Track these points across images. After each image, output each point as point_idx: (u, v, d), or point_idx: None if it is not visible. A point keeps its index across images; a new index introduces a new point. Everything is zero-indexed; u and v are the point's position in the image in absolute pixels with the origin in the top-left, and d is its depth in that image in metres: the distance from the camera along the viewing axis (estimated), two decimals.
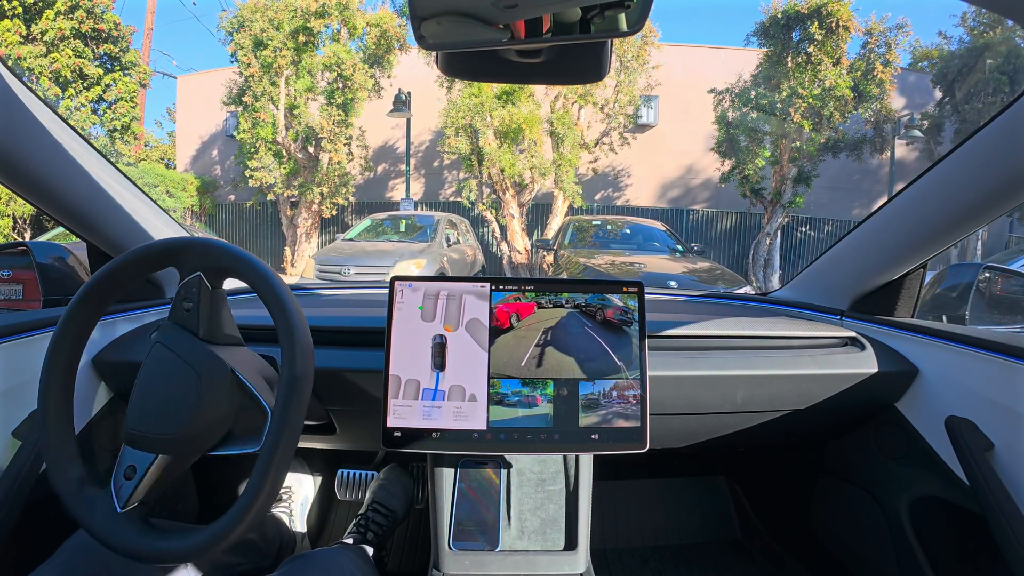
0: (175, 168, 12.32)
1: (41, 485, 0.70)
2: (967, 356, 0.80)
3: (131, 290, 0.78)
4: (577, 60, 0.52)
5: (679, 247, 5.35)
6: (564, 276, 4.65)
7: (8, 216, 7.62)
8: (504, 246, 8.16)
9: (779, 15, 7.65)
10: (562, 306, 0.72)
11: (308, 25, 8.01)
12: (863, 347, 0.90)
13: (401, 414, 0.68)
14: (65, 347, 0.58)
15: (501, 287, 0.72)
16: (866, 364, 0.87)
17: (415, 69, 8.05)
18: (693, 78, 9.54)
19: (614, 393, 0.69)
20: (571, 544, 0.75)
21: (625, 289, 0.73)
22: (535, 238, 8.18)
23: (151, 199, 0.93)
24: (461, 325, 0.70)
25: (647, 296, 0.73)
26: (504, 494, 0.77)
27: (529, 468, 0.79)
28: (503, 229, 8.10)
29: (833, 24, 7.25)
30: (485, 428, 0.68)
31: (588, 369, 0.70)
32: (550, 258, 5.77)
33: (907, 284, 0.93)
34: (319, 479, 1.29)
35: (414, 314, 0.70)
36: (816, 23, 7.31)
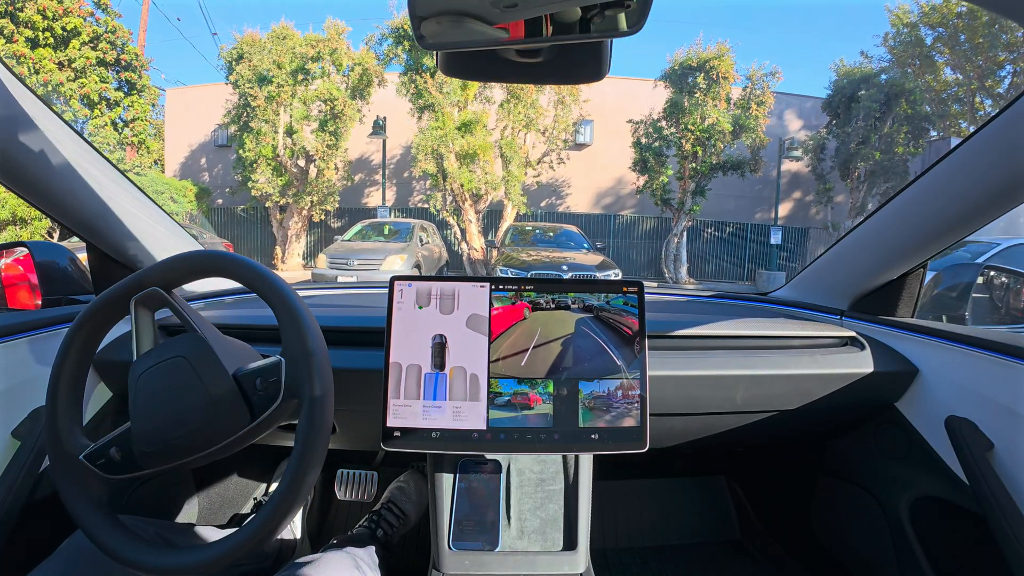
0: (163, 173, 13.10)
1: (41, 485, 0.70)
2: (967, 356, 0.80)
3: None
4: (577, 60, 0.52)
5: (586, 244, 7.64)
6: (499, 268, 6.55)
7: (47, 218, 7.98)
8: (464, 245, 10.13)
9: (677, 66, 9.90)
10: (567, 307, 0.71)
11: (306, 67, 9.83)
12: (863, 347, 0.90)
13: (401, 414, 0.68)
14: (77, 347, 0.58)
15: (501, 287, 0.72)
16: (866, 364, 0.87)
17: (389, 95, 10.15)
18: (623, 105, 11.62)
19: (616, 393, 0.69)
20: (571, 544, 0.75)
21: (625, 289, 0.73)
22: (488, 238, 10.36)
23: (153, 201, 0.93)
24: (461, 325, 0.70)
25: (647, 296, 0.73)
26: (504, 494, 0.77)
27: (529, 468, 0.79)
28: (463, 231, 10.04)
29: (715, 75, 9.54)
30: (485, 428, 0.68)
31: (588, 369, 0.70)
32: (494, 253, 8.06)
33: (907, 284, 0.93)
34: (319, 479, 1.29)
35: (414, 314, 0.70)
36: (702, 75, 9.61)
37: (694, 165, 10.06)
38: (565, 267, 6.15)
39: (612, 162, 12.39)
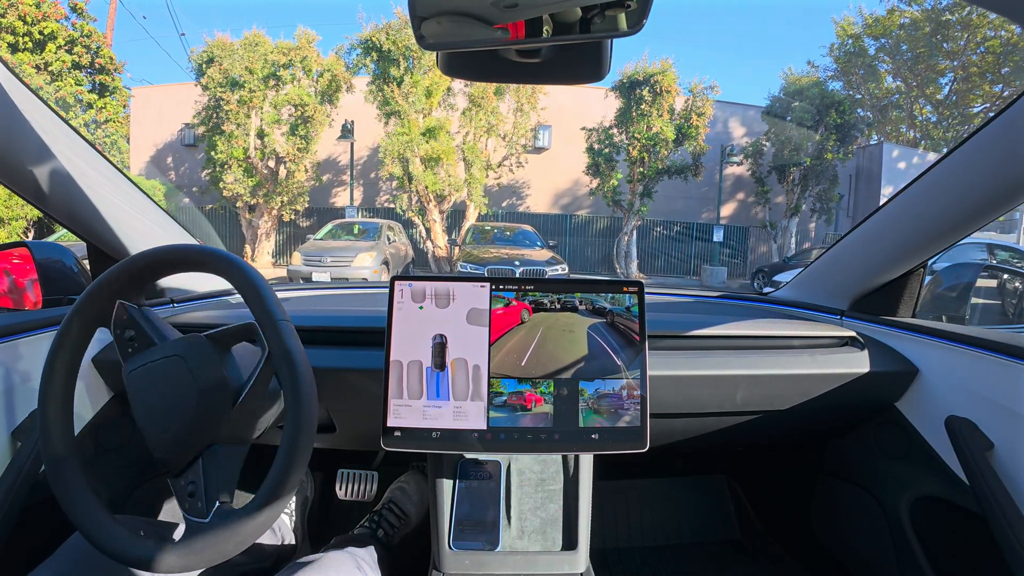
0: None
1: (40, 486, 0.70)
2: (967, 356, 0.80)
3: None
4: (576, 60, 0.52)
5: (539, 242, 8.54)
6: (460, 263, 7.31)
7: (23, 219, 8.11)
8: (429, 243, 11.00)
9: (625, 79, 10.92)
10: (574, 308, 0.71)
11: (278, 74, 10.43)
12: (863, 347, 0.90)
13: (401, 414, 0.68)
14: (67, 350, 0.58)
15: (501, 287, 0.71)
16: (866, 364, 0.87)
17: (357, 98, 10.80)
18: (580, 111, 12.37)
19: (616, 393, 0.69)
20: (571, 544, 0.75)
21: (625, 289, 0.73)
22: (451, 237, 11.22)
23: (151, 200, 0.93)
24: (461, 325, 0.70)
25: (647, 296, 0.73)
26: (504, 494, 0.77)
27: (529, 468, 0.79)
28: (428, 230, 10.94)
29: (659, 89, 10.66)
30: (485, 428, 0.68)
31: (588, 369, 0.70)
32: (456, 251, 9.04)
33: (907, 284, 0.93)
34: (319, 479, 1.29)
35: (414, 314, 0.70)
36: (647, 88, 10.70)
37: (641, 170, 11.26)
38: (518, 262, 7.06)
39: (569, 165, 13.24)
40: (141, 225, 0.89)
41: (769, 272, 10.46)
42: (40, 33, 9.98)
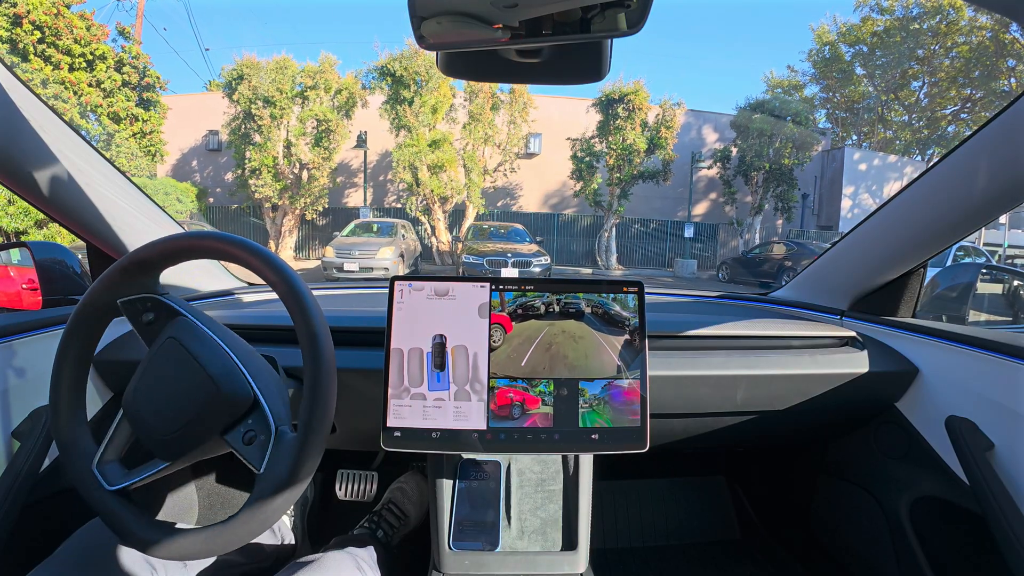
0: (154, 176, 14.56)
1: (41, 485, 0.70)
2: (967, 356, 0.80)
3: None
4: (576, 60, 0.52)
5: (528, 238, 10.08)
6: (463, 256, 8.76)
7: None
8: (433, 239, 12.84)
9: (603, 97, 12.59)
10: (579, 311, 0.71)
11: (305, 94, 12.14)
12: (863, 347, 0.90)
13: (401, 414, 0.68)
14: (77, 342, 0.58)
15: (501, 287, 0.71)
16: (866, 364, 0.87)
17: (370, 112, 12.55)
18: (567, 120, 14.52)
19: (616, 393, 0.69)
20: (571, 544, 0.75)
21: (625, 289, 0.73)
22: (453, 234, 13.09)
23: (149, 198, 0.93)
24: (461, 321, 0.70)
25: (647, 296, 0.73)
26: (504, 494, 0.77)
27: (529, 468, 0.79)
28: (432, 228, 12.70)
29: (632, 106, 12.34)
30: (485, 428, 0.68)
31: (588, 369, 0.70)
32: (459, 246, 10.95)
33: (907, 284, 0.93)
34: (319, 479, 1.29)
35: (414, 314, 0.70)
36: (622, 106, 12.38)
37: (618, 175, 12.93)
38: (510, 255, 8.47)
39: (557, 169, 14.83)
40: (141, 224, 0.89)
41: (731, 264, 12.31)
42: (91, 54, 11.25)
